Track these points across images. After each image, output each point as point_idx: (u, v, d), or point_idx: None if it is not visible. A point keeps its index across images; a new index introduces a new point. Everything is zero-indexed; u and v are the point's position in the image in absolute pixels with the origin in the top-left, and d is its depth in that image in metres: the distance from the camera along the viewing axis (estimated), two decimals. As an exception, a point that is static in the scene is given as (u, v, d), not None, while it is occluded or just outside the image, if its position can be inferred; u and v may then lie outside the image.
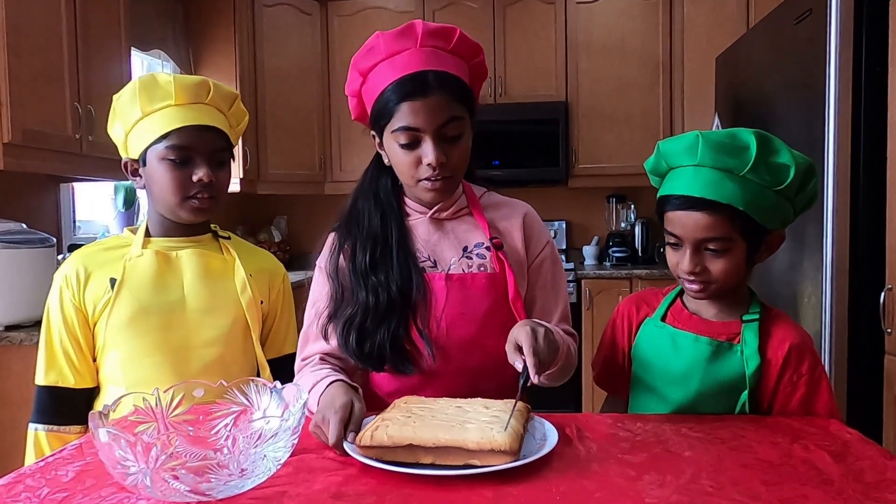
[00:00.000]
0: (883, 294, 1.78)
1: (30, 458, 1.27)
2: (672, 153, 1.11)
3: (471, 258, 1.21)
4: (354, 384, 1.08)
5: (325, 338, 1.20)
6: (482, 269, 1.20)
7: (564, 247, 4.13)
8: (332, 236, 1.26)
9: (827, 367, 1.90)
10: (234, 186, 3.49)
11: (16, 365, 1.89)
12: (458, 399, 1.01)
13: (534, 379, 0.97)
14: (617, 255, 3.86)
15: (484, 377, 1.17)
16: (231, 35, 3.56)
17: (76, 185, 2.83)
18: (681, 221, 1.08)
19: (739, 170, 1.04)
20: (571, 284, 3.58)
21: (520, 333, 1.00)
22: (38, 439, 1.27)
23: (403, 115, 1.11)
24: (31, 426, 1.29)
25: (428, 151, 1.12)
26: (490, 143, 3.85)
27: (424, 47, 1.13)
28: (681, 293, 1.22)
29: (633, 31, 3.80)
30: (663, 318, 1.20)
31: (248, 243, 1.47)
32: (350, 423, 0.94)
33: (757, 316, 1.13)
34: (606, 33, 3.82)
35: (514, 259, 1.23)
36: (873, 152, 1.84)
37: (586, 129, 3.83)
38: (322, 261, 1.26)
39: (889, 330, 1.78)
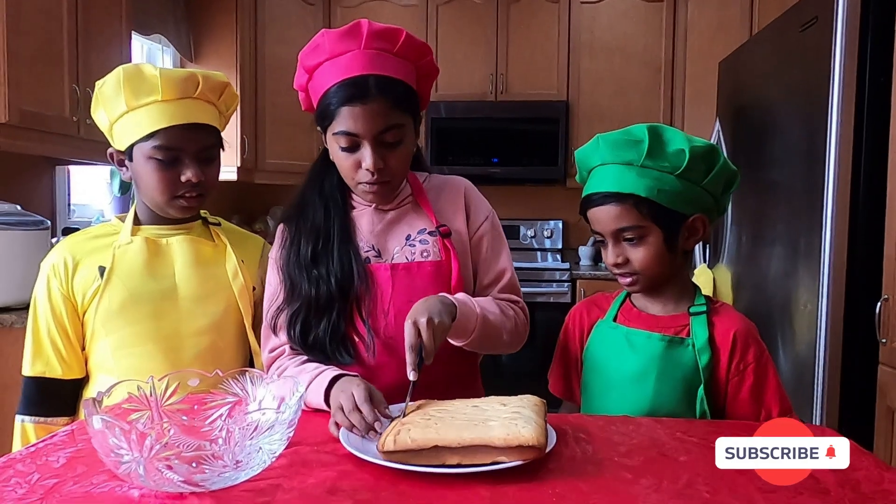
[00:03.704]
0: (879, 304, 1.78)
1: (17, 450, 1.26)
2: (583, 158, 1.18)
3: (413, 245, 1.21)
4: (354, 373, 1.09)
5: (275, 331, 1.21)
6: (426, 255, 1.20)
7: (560, 247, 4.13)
8: (281, 227, 1.28)
9: (820, 377, 1.91)
10: (231, 175, 3.47)
11: (7, 348, 1.88)
12: (472, 399, 1.01)
13: (409, 376, 0.98)
14: (612, 256, 3.86)
15: (436, 364, 1.15)
16: (233, 23, 3.53)
17: (72, 168, 2.81)
18: (596, 217, 1.15)
19: (637, 161, 1.10)
20: (566, 284, 3.58)
21: (405, 328, 1.01)
22: (25, 431, 1.26)
23: (343, 120, 1.11)
24: (18, 417, 1.27)
25: (366, 156, 1.12)
26: (489, 140, 3.85)
27: (369, 49, 1.12)
28: (630, 293, 1.23)
29: (635, 33, 3.80)
30: (615, 319, 1.21)
31: (238, 229, 1.45)
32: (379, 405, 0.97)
33: (703, 308, 1.16)
34: (609, 34, 3.82)
35: (460, 243, 1.24)
36: (874, 162, 1.84)
37: (586, 129, 3.82)
38: (274, 252, 1.26)
39: (884, 340, 1.78)
